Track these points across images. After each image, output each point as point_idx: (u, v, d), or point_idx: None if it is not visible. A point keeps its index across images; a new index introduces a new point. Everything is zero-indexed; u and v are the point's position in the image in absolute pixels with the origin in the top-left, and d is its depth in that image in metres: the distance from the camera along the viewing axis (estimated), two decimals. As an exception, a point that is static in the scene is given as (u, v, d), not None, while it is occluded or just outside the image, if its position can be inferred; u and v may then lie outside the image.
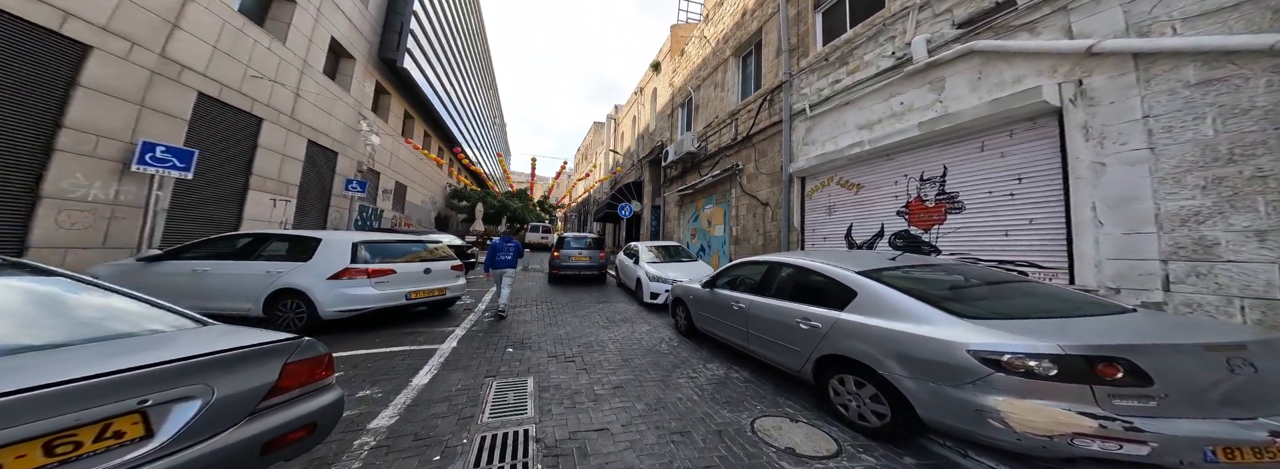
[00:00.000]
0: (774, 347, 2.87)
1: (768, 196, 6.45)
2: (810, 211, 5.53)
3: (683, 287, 4.70)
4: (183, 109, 6.52)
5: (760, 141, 6.83)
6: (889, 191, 4.50)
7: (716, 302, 3.75)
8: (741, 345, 3.35)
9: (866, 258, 2.85)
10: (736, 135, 7.78)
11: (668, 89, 13.25)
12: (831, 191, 5.26)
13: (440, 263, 5.12)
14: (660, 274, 6.42)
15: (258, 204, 8.45)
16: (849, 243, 5.07)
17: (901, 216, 4.40)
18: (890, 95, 4.28)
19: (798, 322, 2.61)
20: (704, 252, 9.40)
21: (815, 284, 2.71)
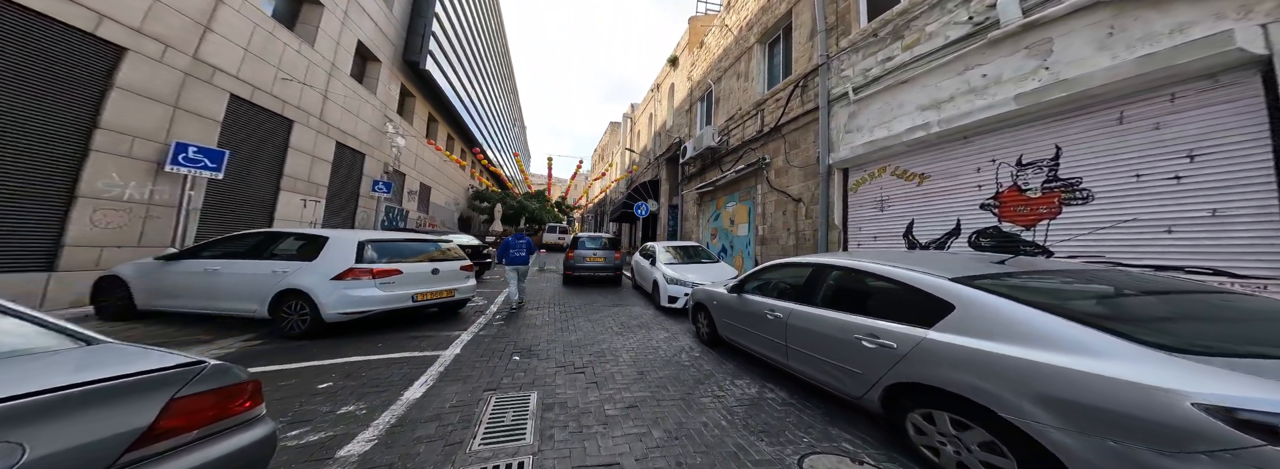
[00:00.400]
0: (824, 366, 2.39)
1: (800, 192, 5.90)
2: (855, 207, 4.94)
3: (705, 291, 4.26)
4: (215, 111, 6.55)
5: (791, 132, 6.28)
6: (968, 181, 3.80)
7: (746, 309, 3.30)
8: (778, 361, 2.89)
9: (951, 261, 2.30)
10: (762, 127, 7.24)
11: (686, 83, 12.78)
12: (884, 184, 4.62)
13: (449, 263, 4.91)
14: (679, 276, 6.00)
15: (288, 205, 8.53)
16: (909, 243, 4.41)
17: (988, 210, 3.66)
18: (966, 68, 3.61)
19: (859, 339, 2.13)
20: (726, 253, 8.86)
21: (884, 293, 2.20)
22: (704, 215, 10.45)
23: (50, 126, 4.53)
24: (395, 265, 4.23)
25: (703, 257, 7.24)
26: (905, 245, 4.44)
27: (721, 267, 6.70)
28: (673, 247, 7.50)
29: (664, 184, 14.72)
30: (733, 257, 8.43)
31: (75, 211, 4.74)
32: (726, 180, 8.26)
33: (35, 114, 4.41)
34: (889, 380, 1.94)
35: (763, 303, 3.07)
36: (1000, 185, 3.54)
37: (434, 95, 16.46)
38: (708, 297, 4.08)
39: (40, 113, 4.45)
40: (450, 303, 4.90)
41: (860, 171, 4.88)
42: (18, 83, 4.27)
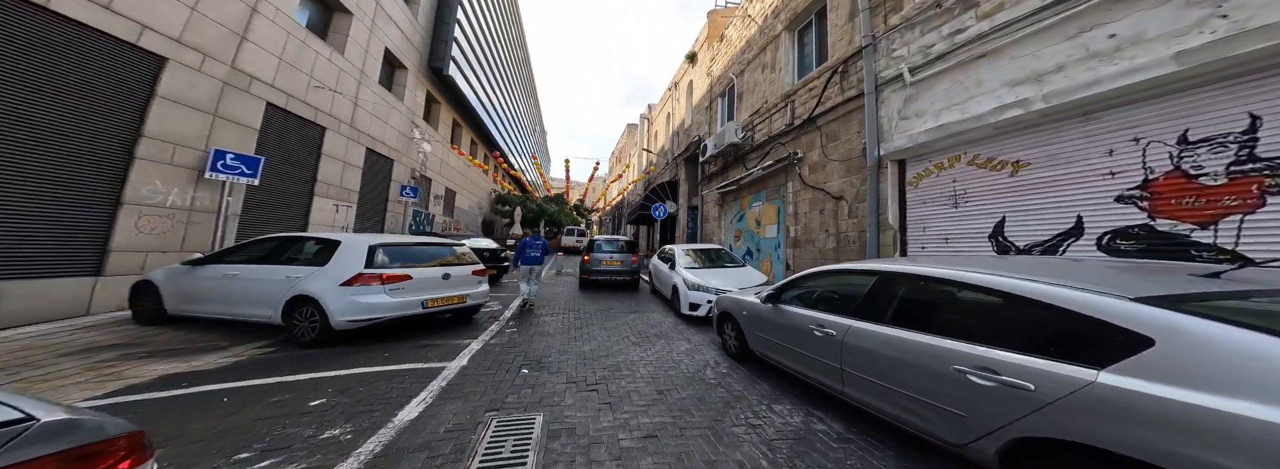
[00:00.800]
0: (901, 400, 1.93)
1: (841, 188, 5.35)
2: (915, 205, 4.32)
3: (732, 299, 3.84)
4: (253, 118, 6.66)
5: (828, 124, 5.74)
6: (1093, 167, 3.04)
7: (784, 322, 2.87)
8: (829, 386, 2.44)
9: (1110, 272, 1.74)
10: (792, 120, 6.72)
11: (705, 79, 12.31)
12: (959, 175, 3.91)
13: (460, 268, 4.72)
14: (701, 282, 5.60)
15: (322, 210, 8.66)
16: (1000, 246, 3.63)
17: (1130, 203, 2.87)
18: (1081, 30, 2.94)
19: (962, 373, 1.65)
20: (751, 256, 8.32)
21: (1006, 314, 1.68)
22: (726, 216, 9.96)
23: (96, 134, 4.64)
24: (404, 270, 4.07)
25: (726, 261, 6.79)
26: (993, 249, 3.68)
27: (748, 272, 6.23)
28: (693, 250, 7.10)
29: (683, 184, 14.27)
30: (759, 260, 7.91)
31: (121, 218, 4.84)
32: (752, 178, 7.77)
33: (81, 122, 4.51)
34: (1018, 433, 1.47)
35: (806, 316, 2.64)
36: (1150, 171, 2.76)
37: (458, 101, 16.69)
38: (736, 306, 3.68)
39: (86, 121, 4.55)
40: (462, 309, 4.72)
41: (922, 163, 4.24)
42: (65, 92, 4.37)
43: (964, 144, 3.82)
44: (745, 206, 8.64)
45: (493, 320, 5.36)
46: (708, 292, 5.39)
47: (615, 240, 8.88)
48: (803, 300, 2.84)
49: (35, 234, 4.20)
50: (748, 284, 5.47)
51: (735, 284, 5.40)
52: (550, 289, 8.43)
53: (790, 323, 2.77)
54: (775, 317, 2.97)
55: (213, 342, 3.88)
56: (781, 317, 2.90)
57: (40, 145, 4.20)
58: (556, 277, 11.24)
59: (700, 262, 6.63)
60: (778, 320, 2.93)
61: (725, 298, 4.02)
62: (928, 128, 3.96)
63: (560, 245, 22.31)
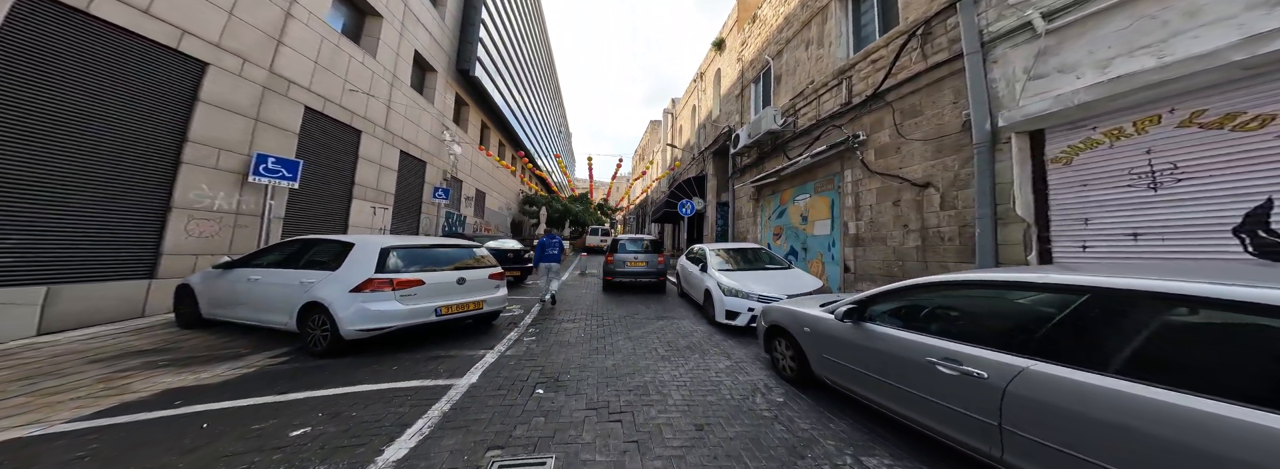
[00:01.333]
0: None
1: (927, 174, 4.53)
2: (1064, 189, 3.29)
3: (786, 310, 3.19)
4: (292, 122, 6.63)
5: (903, 98, 4.92)
6: None
7: (877, 347, 2.22)
8: (971, 447, 1.74)
9: None
10: (849, 99, 5.93)
11: (735, 66, 11.53)
12: (1160, 143, 2.82)
13: (476, 271, 4.35)
14: (739, 287, 4.96)
15: (360, 212, 8.67)
16: (1262, 243, 2.45)
17: None
18: None
19: None
20: (796, 256, 7.52)
21: None
22: (763, 212, 9.21)
23: (143, 139, 4.60)
24: (417, 275, 3.75)
25: (768, 261, 6.10)
26: (1247, 247, 2.51)
27: (795, 275, 5.52)
28: (727, 249, 6.45)
29: (710, 180, 13.55)
30: (806, 261, 7.11)
31: (171, 221, 4.82)
32: (796, 168, 7.01)
33: (128, 127, 4.47)
34: None
35: (919, 343, 1.96)
36: None
37: (485, 103, 16.69)
38: (792, 319, 3.04)
39: (133, 126, 4.52)
40: (480, 316, 4.37)
41: (1076, 133, 3.18)
42: (110, 97, 4.33)
43: (1170, 98, 2.73)
44: (787, 201, 7.88)
45: (512, 326, 5.01)
46: (748, 298, 4.77)
47: (639, 240, 8.39)
48: (907, 319, 2.18)
49: (87, 238, 4.18)
50: (798, 290, 4.81)
51: (781, 289, 4.77)
52: (573, 292, 8.03)
53: (888, 349, 2.13)
54: (859, 338, 2.33)
55: (235, 349, 3.68)
56: (871, 339, 2.25)
57: (87, 150, 4.15)
58: (580, 278, 10.83)
59: (736, 263, 6.00)
60: (864, 343, 2.29)
61: (776, 308, 3.39)
62: (1091, 83, 2.99)
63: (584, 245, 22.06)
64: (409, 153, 10.83)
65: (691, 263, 6.70)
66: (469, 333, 4.59)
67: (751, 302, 4.73)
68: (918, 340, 1.98)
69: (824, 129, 6.48)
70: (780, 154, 8.05)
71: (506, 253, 8.89)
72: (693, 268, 6.45)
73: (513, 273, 8.85)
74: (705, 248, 6.52)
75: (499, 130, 20.03)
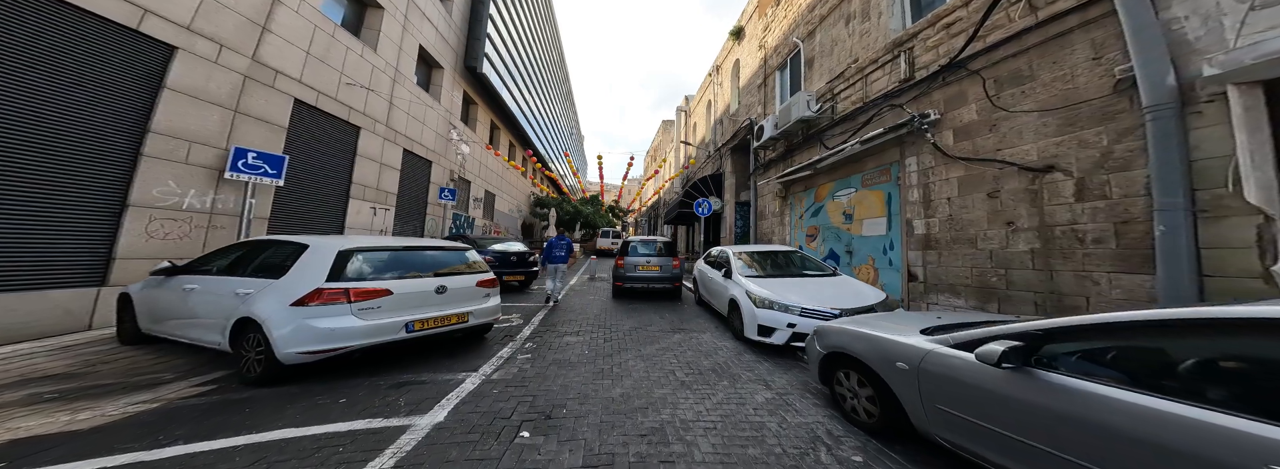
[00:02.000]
0: None
1: (1049, 154, 3.43)
2: None
3: (857, 334, 2.35)
4: (280, 116, 6.09)
5: (1000, 63, 3.86)
6: None
7: (1090, 419, 1.31)
8: None
9: None
10: (909, 74, 4.94)
11: (756, 54, 10.60)
12: None
13: (460, 278, 3.64)
14: (774, 297, 4.08)
15: (359, 213, 8.13)
16: None
17: None
18: None
19: None
20: (836, 260, 6.48)
21: None
22: (792, 210, 8.21)
23: (95, 130, 4.04)
24: (381, 284, 3.03)
25: (807, 267, 5.18)
26: None
27: (845, 283, 4.57)
28: (753, 252, 5.55)
29: (728, 178, 12.60)
30: (851, 267, 6.04)
31: (128, 221, 4.25)
32: (837, 159, 6.00)
33: (77, 116, 3.91)
34: None
35: (1228, 433, 1.05)
36: None
37: (495, 103, 16.22)
38: (873, 348, 2.19)
39: (82, 115, 3.95)
40: (466, 331, 3.66)
41: None
42: (54, 80, 3.77)
43: None
44: (824, 197, 6.86)
45: (507, 340, 4.28)
46: (787, 312, 3.89)
47: (652, 242, 7.64)
48: (1149, 377, 1.28)
49: (24, 240, 3.63)
50: (853, 303, 3.90)
51: (830, 302, 3.88)
52: (580, 298, 7.28)
53: (1131, 429, 1.21)
54: (1036, 395, 1.45)
55: (159, 374, 3.01)
56: (1065, 399, 1.37)
57: (24, 140, 3.62)
58: (589, 282, 10.00)
59: (765, 268, 5.13)
60: (1048, 405, 1.41)
61: (839, 330, 2.52)
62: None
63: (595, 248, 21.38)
64: (413, 151, 10.32)
65: (711, 268, 5.84)
66: (453, 350, 3.86)
67: (791, 316, 3.86)
68: (1223, 426, 1.06)
69: (876, 111, 5.45)
70: (814, 145, 7.06)
71: (510, 256, 8.21)
72: (713, 273, 5.61)
73: (516, 277, 8.15)
74: (727, 251, 5.66)
75: (509, 131, 19.58)
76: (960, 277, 4.14)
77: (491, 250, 8.06)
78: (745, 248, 5.92)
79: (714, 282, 5.49)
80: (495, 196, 17.25)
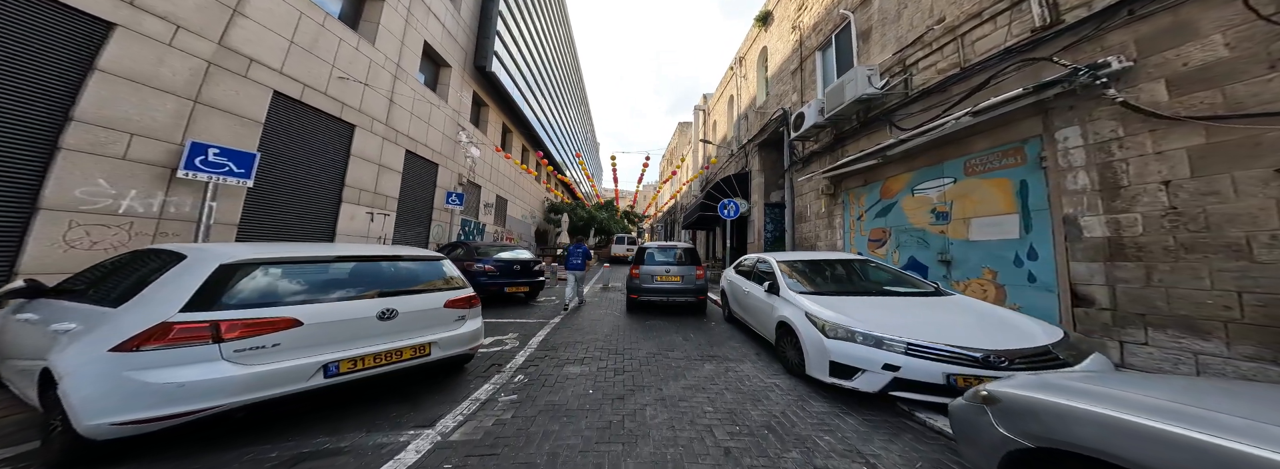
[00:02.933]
0: None
1: None
2: None
3: (1169, 438, 1.00)
4: (254, 109, 5.32)
5: None
6: None
7: None
8: None
9: None
10: (1050, 19, 3.55)
11: (789, 37, 9.36)
12: None
13: (419, 298, 2.69)
14: (854, 324, 2.88)
15: (353, 218, 7.33)
16: None
17: None
18: None
19: None
20: (919, 271, 4.92)
21: None
22: (844, 209, 6.82)
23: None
24: (282, 311, 2.08)
25: (888, 281, 3.90)
26: None
27: (969, 306, 3.21)
28: (804, 262, 4.38)
29: (756, 176, 11.27)
30: (949, 282, 4.44)
31: (36, 227, 3.43)
32: (924, 141, 4.59)
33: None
34: None
35: None
36: None
37: (507, 105, 15.57)
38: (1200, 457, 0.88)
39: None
40: (429, 366, 2.67)
41: None
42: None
43: None
44: (896, 191, 5.43)
45: (494, 369, 3.35)
46: (881, 346, 2.68)
47: (671, 249, 6.62)
48: None
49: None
50: (1012, 341, 2.56)
51: (959, 336, 2.62)
52: (590, 312, 6.28)
53: None
54: None
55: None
56: None
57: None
58: (602, 292, 9.06)
59: (824, 282, 3.97)
60: None
61: (1052, 408, 1.28)
62: None
63: (609, 255, 20.43)
64: (417, 153, 9.59)
65: (748, 280, 4.73)
66: (412, 390, 2.86)
67: (891, 354, 2.62)
68: None
69: (994, 72, 3.98)
70: (879, 128, 5.71)
71: (513, 265, 7.23)
72: (749, 287, 4.54)
73: (520, 288, 7.17)
74: (769, 259, 4.49)
75: (522, 134, 18.94)
76: (1204, 305, 2.63)
77: (495, 258, 7.11)
78: (793, 256, 4.67)
79: (752, 297, 4.36)
80: (508, 202, 16.50)
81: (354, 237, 7.42)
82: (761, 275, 4.45)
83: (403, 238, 9.28)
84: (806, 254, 4.83)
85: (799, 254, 4.80)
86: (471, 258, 6.99)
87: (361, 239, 7.62)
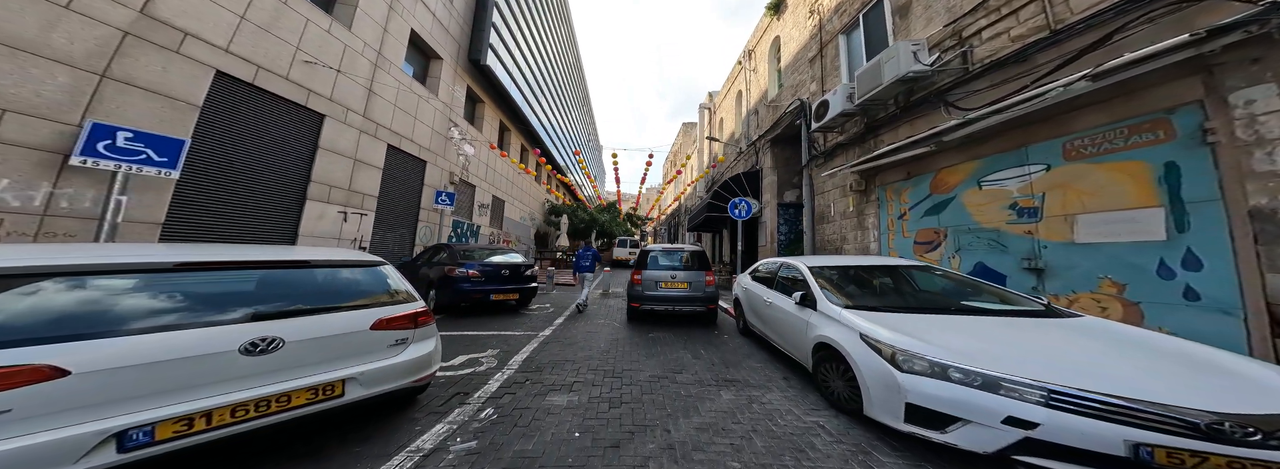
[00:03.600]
0: None
1: None
2: None
3: None
4: (188, 90, 4.51)
5: None
6: None
7: None
8: None
9: None
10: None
11: (806, 23, 8.43)
12: None
13: (327, 320, 1.97)
14: (955, 359, 1.97)
15: (320, 217, 6.50)
16: None
17: None
18: None
19: None
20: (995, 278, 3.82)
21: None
22: (879, 207, 5.80)
23: None
24: (38, 356, 1.30)
25: (986, 297, 2.90)
26: None
27: (1119, 333, 2.22)
28: (846, 267, 3.53)
29: (768, 174, 10.29)
30: (1041, 293, 3.33)
31: None
32: (994, 124, 3.57)
33: None
34: None
35: None
36: None
37: (506, 102, 14.80)
38: None
39: None
40: (342, 409, 1.94)
41: None
42: None
43: None
44: (956, 183, 4.34)
45: (459, 399, 2.64)
46: (1015, 392, 1.75)
47: (677, 252, 5.95)
48: None
49: None
50: (1240, 399, 1.57)
51: (1154, 385, 1.66)
52: (585, 324, 5.43)
53: None
54: None
55: None
56: None
57: None
58: (602, 298, 8.24)
59: (871, 295, 3.16)
60: None
61: None
62: None
63: (611, 258, 19.60)
64: (402, 148, 8.79)
65: (769, 289, 3.91)
66: (340, 431, 2.14)
67: (1022, 405, 1.72)
68: None
69: (1119, 26, 2.86)
70: (928, 111, 4.72)
71: (500, 270, 6.37)
72: (773, 297, 3.71)
73: (508, 296, 6.29)
74: (798, 265, 3.62)
75: (522, 134, 18.16)
76: None
77: (481, 262, 6.23)
78: (826, 260, 3.72)
79: (776, 309, 3.54)
80: (505, 203, 15.68)
81: (322, 238, 6.58)
82: (787, 284, 3.63)
83: (383, 240, 8.45)
84: (844, 259, 3.84)
85: (834, 259, 3.82)
86: (454, 261, 6.13)
87: (332, 241, 6.79)
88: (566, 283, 11.09)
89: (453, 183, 11.14)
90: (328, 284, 2.15)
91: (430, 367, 2.29)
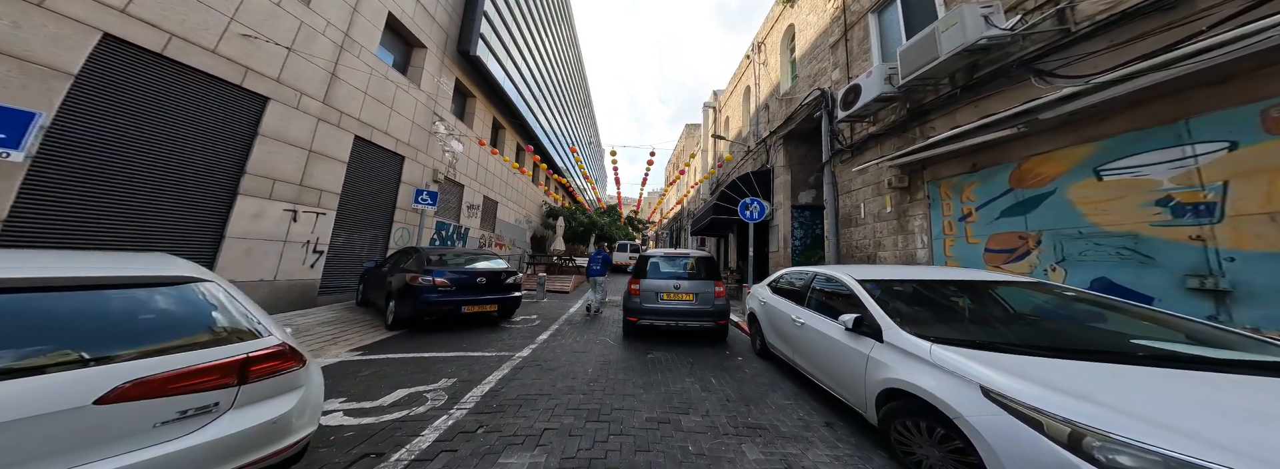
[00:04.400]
0: None
1: None
2: None
3: None
4: (55, 55, 3.50)
5: None
6: None
7: None
8: None
9: None
10: None
11: (828, 5, 7.35)
12: None
13: None
14: (1204, 453, 0.76)
15: (258, 216, 5.44)
16: None
17: None
18: None
19: None
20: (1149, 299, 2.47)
21: None
22: (930, 206, 4.60)
23: None
24: None
25: (1183, 335, 1.71)
26: None
27: None
28: (923, 282, 2.43)
29: (780, 174, 9.16)
30: (1235, 324, 2.12)
31: None
32: (1122, 94, 2.40)
33: None
34: None
35: None
36: None
37: (499, 98, 13.82)
38: None
39: None
40: None
41: None
42: None
43: None
44: (1051, 176, 3.06)
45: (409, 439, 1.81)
46: None
47: (681, 258, 5.06)
48: None
49: None
50: None
51: None
52: (571, 342, 4.48)
53: None
54: None
55: None
56: None
57: None
58: (603, 304, 7.32)
59: (971, 326, 2.01)
60: None
61: None
62: None
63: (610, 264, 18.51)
64: (373, 141, 7.77)
65: (800, 307, 2.90)
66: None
67: None
68: None
69: None
70: (1000, 88, 3.55)
71: (475, 277, 5.28)
72: (807, 317, 2.73)
73: (486, 307, 5.19)
74: (844, 277, 2.56)
75: (517, 132, 17.16)
76: None
77: (453, 270, 5.14)
78: (887, 272, 2.61)
79: (815, 332, 2.57)
80: (498, 204, 14.63)
81: (262, 239, 5.51)
82: (826, 301, 2.62)
83: (349, 242, 7.39)
84: (911, 271, 2.66)
85: (903, 271, 2.65)
86: (419, 268, 5.03)
87: (278, 243, 5.72)
88: (559, 289, 9.95)
89: (437, 181, 10.10)
90: (72, 322, 1.17)
91: (286, 436, 1.37)
